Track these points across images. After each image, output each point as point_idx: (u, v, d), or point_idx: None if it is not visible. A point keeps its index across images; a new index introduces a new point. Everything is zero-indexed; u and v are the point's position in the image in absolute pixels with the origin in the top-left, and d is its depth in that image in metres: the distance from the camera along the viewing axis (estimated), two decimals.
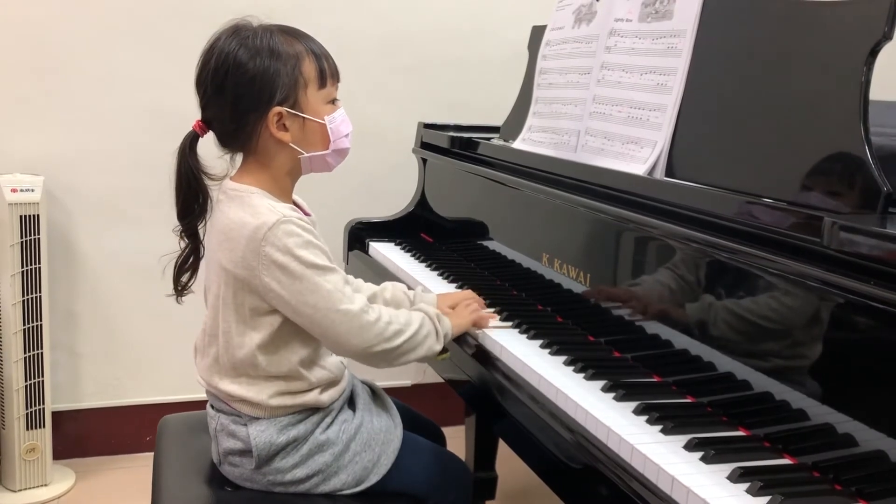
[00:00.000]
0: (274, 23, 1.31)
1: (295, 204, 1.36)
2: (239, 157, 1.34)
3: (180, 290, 1.37)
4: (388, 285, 1.57)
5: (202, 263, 1.36)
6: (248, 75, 1.25)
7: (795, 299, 1.04)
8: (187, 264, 1.36)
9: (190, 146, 1.29)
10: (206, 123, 1.30)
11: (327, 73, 1.31)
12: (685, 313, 1.23)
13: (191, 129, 1.30)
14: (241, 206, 1.26)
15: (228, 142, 1.32)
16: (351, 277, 1.49)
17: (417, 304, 1.50)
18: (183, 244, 1.35)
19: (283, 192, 1.33)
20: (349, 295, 1.27)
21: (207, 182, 1.31)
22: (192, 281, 1.37)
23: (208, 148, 1.32)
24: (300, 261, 1.22)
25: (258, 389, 1.28)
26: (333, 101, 1.33)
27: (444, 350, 1.42)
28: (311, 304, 1.23)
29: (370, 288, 1.55)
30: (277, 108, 1.27)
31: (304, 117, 1.29)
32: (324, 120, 1.31)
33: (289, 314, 1.26)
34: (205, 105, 1.29)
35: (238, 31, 1.27)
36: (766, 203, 1.12)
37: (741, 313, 1.13)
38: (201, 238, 1.34)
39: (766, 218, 1.10)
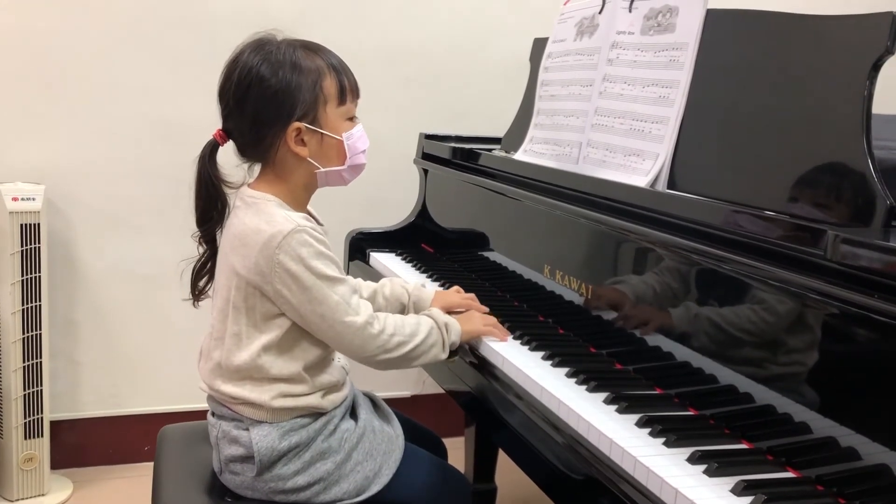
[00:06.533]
0: (297, 38, 1.32)
1: (308, 213, 1.37)
2: (257, 167, 1.35)
3: (197, 294, 1.39)
4: (386, 282, 1.59)
5: None
6: (270, 90, 1.26)
7: (798, 312, 1.04)
8: (205, 269, 1.38)
9: (210, 154, 1.31)
10: (227, 133, 1.32)
11: (347, 90, 1.32)
12: (687, 325, 1.23)
13: (211, 137, 1.32)
14: (258, 213, 1.28)
15: (247, 152, 1.33)
16: (350, 278, 1.51)
17: (415, 296, 1.55)
18: (201, 249, 1.37)
19: (299, 203, 1.34)
20: (355, 306, 1.29)
21: (225, 189, 1.32)
22: (209, 286, 1.38)
23: (227, 157, 1.34)
24: (311, 271, 1.24)
25: (260, 391, 1.28)
26: (352, 118, 1.34)
27: (453, 354, 1.44)
28: (319, 313, 1.26)
29: (369, 286, 1.57)
30: (296, 124, 1.28)
31: (322, 133, 1.30)
32: (341, 137, 1.32)
33: (297, 320, 1.28)
34: (226, 116, 1.31)
35: (262, 46, 1.28)
36: (769, 216, 1.12)
37: (743, 325, 1.13)
38: (219, 243, 1.35)
39: (769, 231, 1.10)
